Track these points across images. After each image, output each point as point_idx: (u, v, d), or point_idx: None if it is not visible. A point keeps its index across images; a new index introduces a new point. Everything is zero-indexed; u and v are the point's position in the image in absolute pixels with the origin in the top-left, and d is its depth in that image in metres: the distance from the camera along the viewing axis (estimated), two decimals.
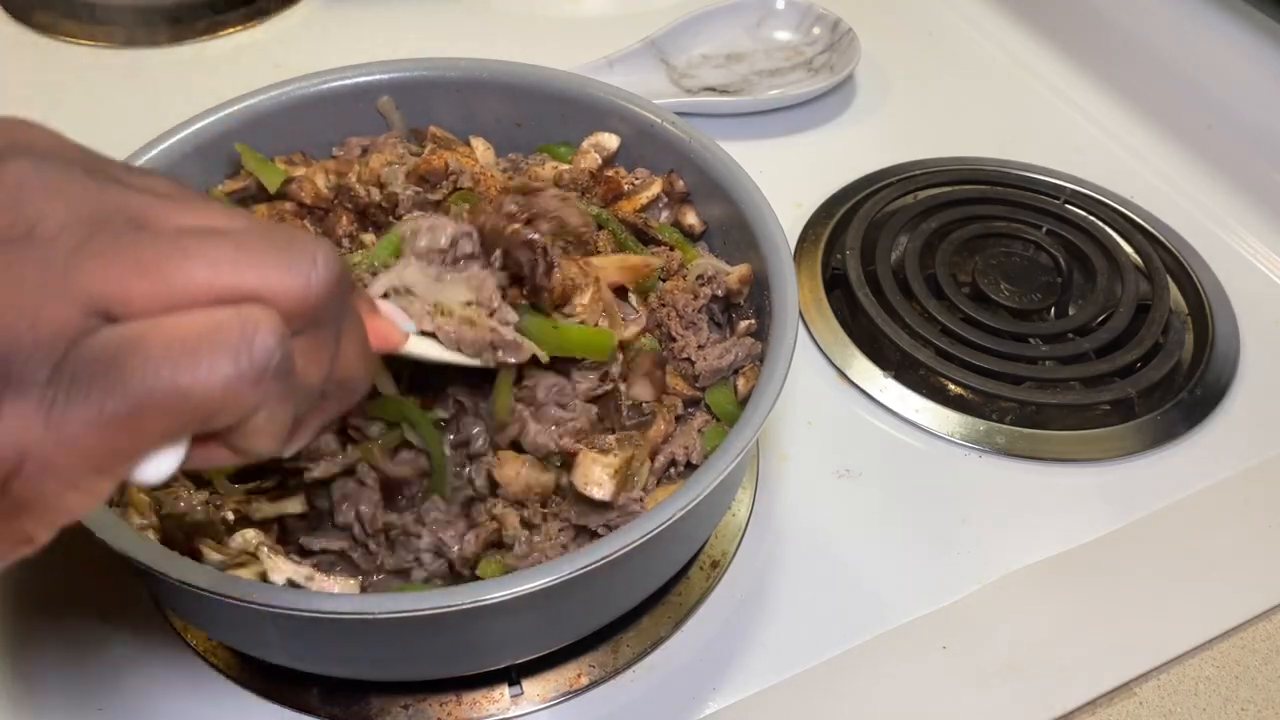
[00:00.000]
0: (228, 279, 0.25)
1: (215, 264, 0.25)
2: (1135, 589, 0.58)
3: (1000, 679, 0.54)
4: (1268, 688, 0.55)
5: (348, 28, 0.93)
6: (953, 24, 0.98)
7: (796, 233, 0.76)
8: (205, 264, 0.25)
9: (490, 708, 0.51)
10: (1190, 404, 0.67)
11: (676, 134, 0.59)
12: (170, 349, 0.24)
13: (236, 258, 0.25)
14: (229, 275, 0.25)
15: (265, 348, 0.25)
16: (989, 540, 0.59)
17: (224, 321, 0.24)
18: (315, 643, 0.46)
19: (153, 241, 0.25)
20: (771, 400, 0.46)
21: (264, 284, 0.25)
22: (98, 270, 0.24)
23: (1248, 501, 0.63)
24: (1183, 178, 0.83)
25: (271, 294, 0.25)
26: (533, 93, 0.62)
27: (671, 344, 0.54)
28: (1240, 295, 0.74)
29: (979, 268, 0.73)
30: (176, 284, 0.24)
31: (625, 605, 0.51)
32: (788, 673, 0.53)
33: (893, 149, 0.84)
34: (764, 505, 0.60)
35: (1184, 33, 0.86)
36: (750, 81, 0.88)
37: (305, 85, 0.60)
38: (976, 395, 0.66)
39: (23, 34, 0.91)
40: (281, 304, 0.26)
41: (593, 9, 0.98)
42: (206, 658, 0.53)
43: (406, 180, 0.58)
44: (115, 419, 0.23)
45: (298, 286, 0.26)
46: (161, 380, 0.24)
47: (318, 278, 0.26)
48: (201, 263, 0.25)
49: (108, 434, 0.23)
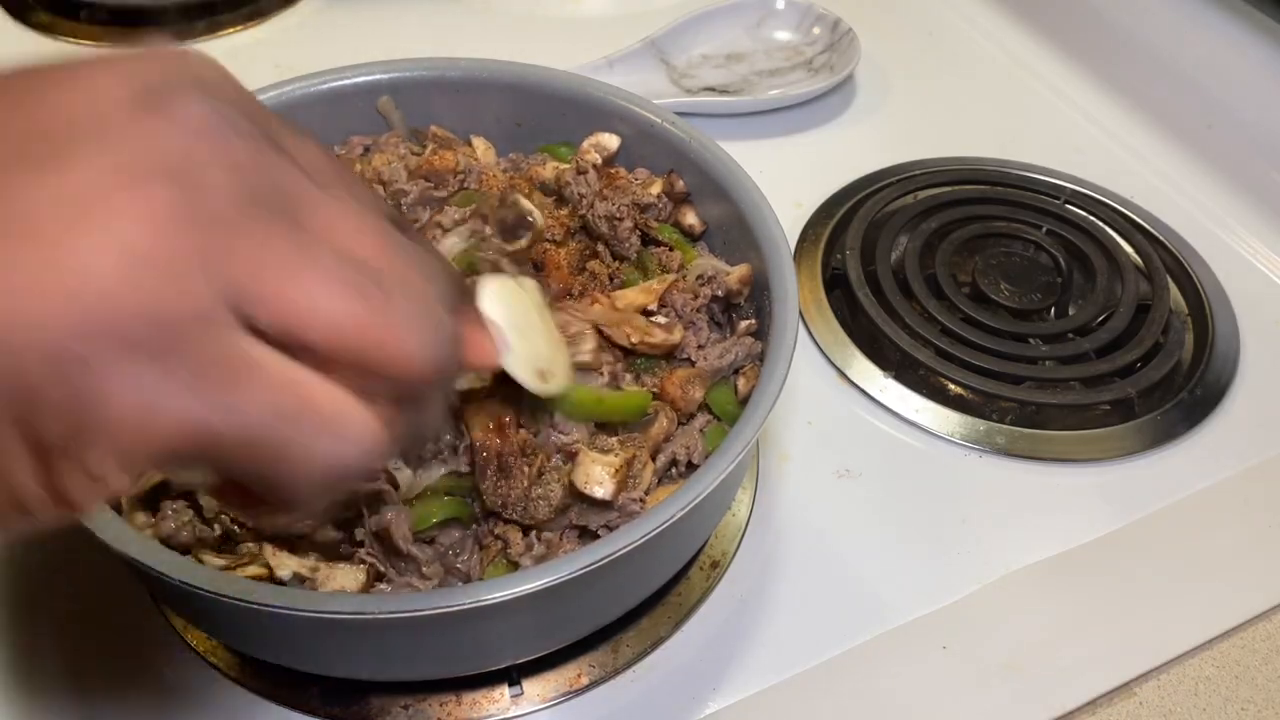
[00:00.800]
0: (352, 342, 0.24)
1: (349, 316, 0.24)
2: (1135, 589, 0.58)
3: (1000, 679, 0.54)
4: (1268, 688, 0.55)
5: (348, 28, 0.93)
6: (953, 24, 0.98)
7: (796, 233, 0.76)
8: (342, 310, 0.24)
9: (490, 708, 0.51)
10: (1190, 404, 0.67)
11: (676, 134, 0.59)
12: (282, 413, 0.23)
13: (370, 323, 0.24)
14: (354, 338, 0.24)
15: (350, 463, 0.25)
16: (989, 540, 0.59)
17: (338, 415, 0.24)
18: (315, 643, 0.46)
19: (307, 250, 0.24)
20: (771, 400, 0.46)
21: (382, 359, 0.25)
22: (251, 258, 0.23)
23: (1248, 501, 0.63)
24: (1183, 178, 0.83)
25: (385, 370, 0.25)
26: (533, 93, 0.62)
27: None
28: (1240, 295, 0.74)
29: (979, 268, 0.73)
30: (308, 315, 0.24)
31: (625, 605, 0.51)
32: (788, 673, 0.53)
33: (893, 149, 0.84)
34: (764, 505, 0.60)
35: (1184, 33, 0.86)
36: (750, 81, 0.88)
37: (305, 85, 0.60)
38: (976, 395, 0.66)
39: (23, 34, 0.91)
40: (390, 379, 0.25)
41: (593, 9, 0.98)
42: (206, 658, 0.53)
43: (411, 177, 0.58)
44: (202, 432, 0.23)
45: (416, 363, 0.26)
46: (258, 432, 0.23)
47: (440, 358, 0.26)
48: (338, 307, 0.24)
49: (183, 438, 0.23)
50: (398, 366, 0.25)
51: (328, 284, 0.24)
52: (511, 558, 0.47)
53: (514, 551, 0.47)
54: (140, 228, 0.21)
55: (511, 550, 0.47)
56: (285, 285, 0.23)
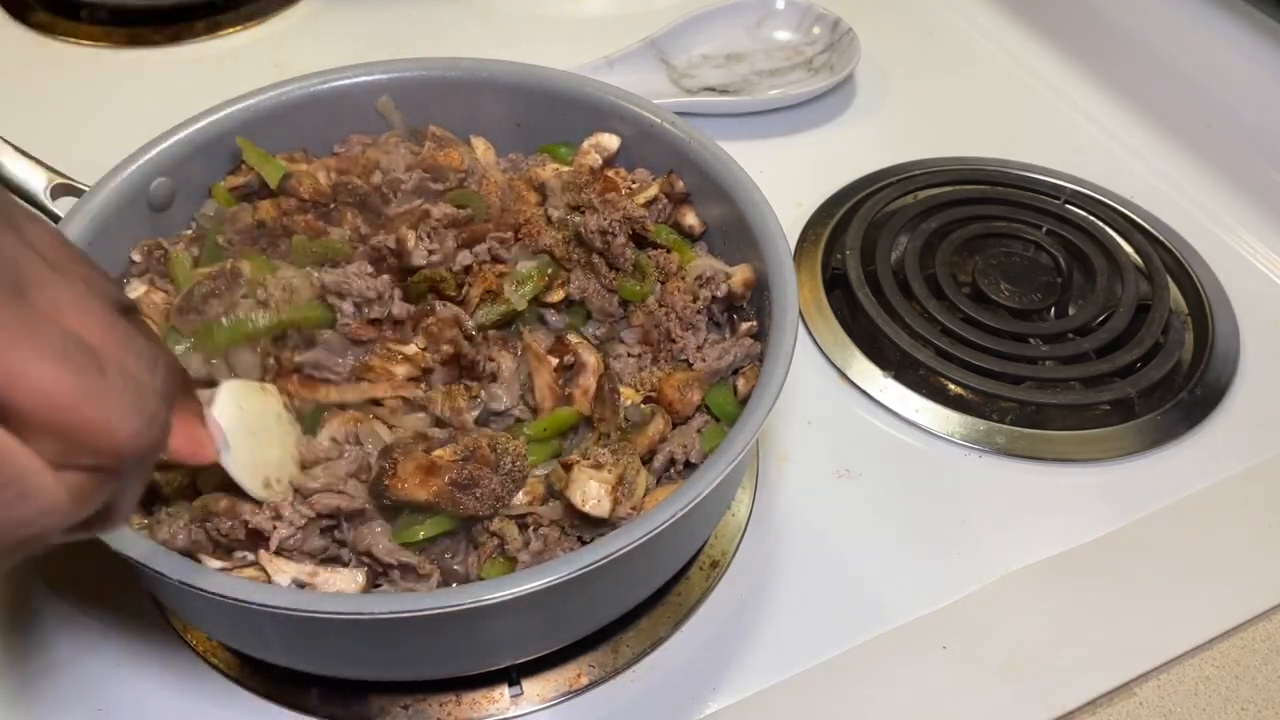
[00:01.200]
0: (61, 411, 0.25)
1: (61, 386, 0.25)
2: (1135, 589, 0.58)
3: (1000, 679, 0.54)
4: (1268, 688, 0.55)
5: (348, 28, 0.93)
6: (953, 24, 0.98)
7: (796, 233, 0.76)
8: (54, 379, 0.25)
9: (490, 708, 0.51)
10: (1190, 404, 0.67)
11: (676, 134, 0.59)
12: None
13: (81, 395, 0.26)
14: (63, 408, 0.25)
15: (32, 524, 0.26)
16: (989, 540, 0.59)
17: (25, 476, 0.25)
18: (315, 643, 0.46)
19: (23, 318, 0.25)
20: (771, 400, 0.46)
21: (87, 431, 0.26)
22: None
23: (1248, 501, 0.63)
24: (1183, 178, 0.83)
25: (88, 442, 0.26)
26: (533, 93, 0.62)
27: (671, 345, 0.54)
28: (1240, 295, 0.74)
29: (979, 268, 0.73)
30: (20, 379, 0.25)
31: (625, 605, 0.51)
32: (788, 673, 0.53)
33: (893, 149, 0.83)
34: (764, 505, 0.60)
35: (1184, 33, 0.86)
36: (750, 81, 0.88)
37: (305, 85, 0.61)
38: (976, 395, 0.66)
39: (23, 34, 0.91)
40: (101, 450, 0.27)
41: (593, 9, 0.98)
42: (206, 658, 0.53)
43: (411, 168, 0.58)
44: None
45: (121, 440, 0.27)
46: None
47: (146, 438, 0.27)
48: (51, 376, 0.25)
49: None
50: (102, 440, 0.26)
51: (45, 354, 0.25)
52: (509, 554, 0.47)
53: (511, 548, 0.47)
54: None
55: (509, 547, 0.47)
56: (2, 349, 0.24)
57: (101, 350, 0.27)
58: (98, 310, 0.28)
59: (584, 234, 0.55)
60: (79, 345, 0.26)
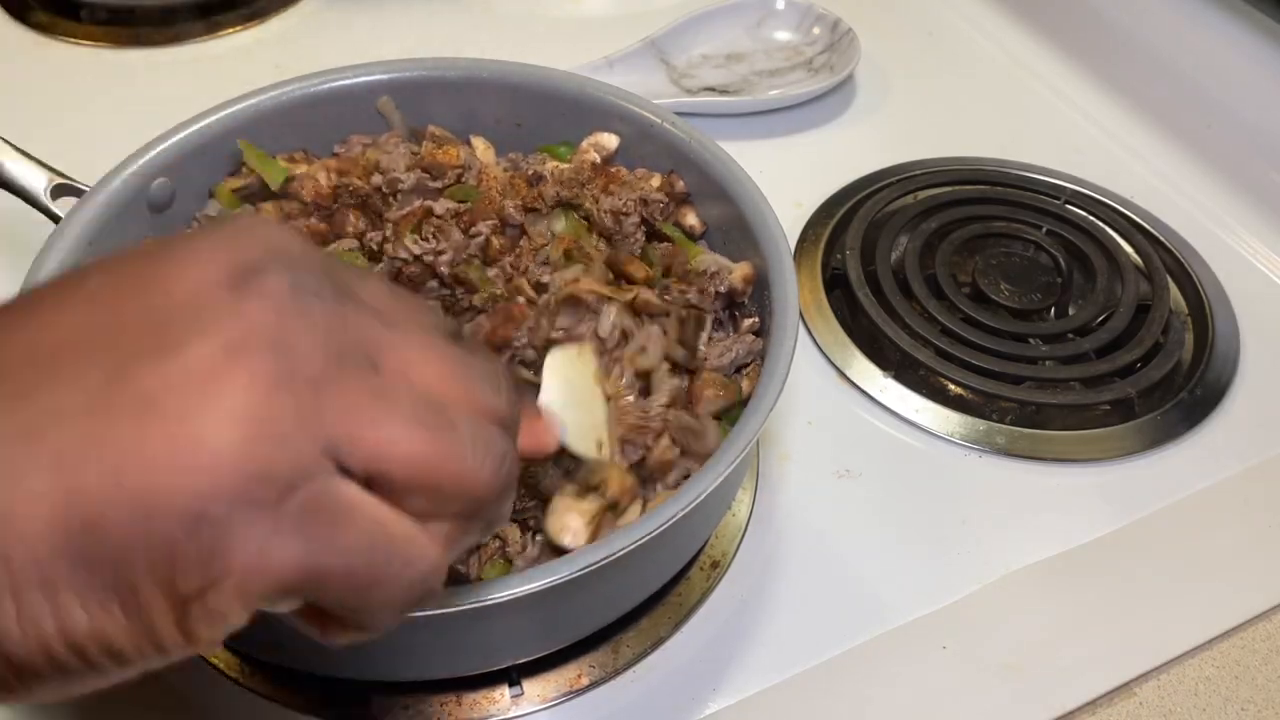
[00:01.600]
0: (428, 473, 0.28)
1: (424, 452, 0.27)
2: (1135, 589, 0.58)
3: (1000, 679, 0.54)
4: (1268, 688, 0.55)
5: (348, 28, 0.93)
6: (953, 24, 0.98)
7: (796, 233, 0.76)
8: (418, 447, 0.27)
9: (490, 708, 0.51)
10: (1190, 404, 0.67)
11: (676, 134, 0.59)
12: (374, 546, 0.27)
13: (442, 455, 0.28)
14: (428, 470, 0.28)
15: (429, 586, 0.29)
16: (989, 540, 0.59)
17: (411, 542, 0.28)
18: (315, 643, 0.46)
19: (385, 396, 0.27)
20: (771, 400, 0.46)
21: (455, 480, 0.28)
22: (340, 410, 0.26)
23: (1248, 501, 0.63)
24: (1183, 178, 0.83)
25: (455, 494, 0.28)
26: (533, 93, 0.62)
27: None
28: (1240, 295, 0.74)
29: (979, 268, 0.73)
30: (389, 454, 0.27)
31: (625, 606, 0.51)
32: (788, 673, 0.53)
33: (893, 149, 0.83)
34: (764, 505, 0.60)
35: (1184, 33, 0.86)
36: (750, 81, 0.88)
37: (305, 85, 0.60)
38: (976, 395, 0.66)
39: (23, 34, 0.90)
40: (464, 499, 0.29)
41: (593, 9, 0.98)
42: (206, 658, 0.53)
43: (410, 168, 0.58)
44: (311, 569, 0.26)
45: (480, 487, 0.29)
46: (355, 565, 0.26)
47: (500, 480, 0.29)
48: (416, 445, 0.27)
49: (295, 577, 0.25)
50: (463, 491, 0.28)
51: (405, 425, 0.27)
52: (509, 556, 0.47)
53: (512, 550, 0.47)
54: (248, 397, 0.25)
55: (510, 549, 0.47)
56: (369, 430, 0.26)
57: (450, 402, 0.29)
58: (438, 355, 0.30)
59: (594, 216, 0.55)
60: (429, 405, 0.28)
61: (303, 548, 0.25)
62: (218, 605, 0.25)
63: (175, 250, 0.27)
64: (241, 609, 0.25)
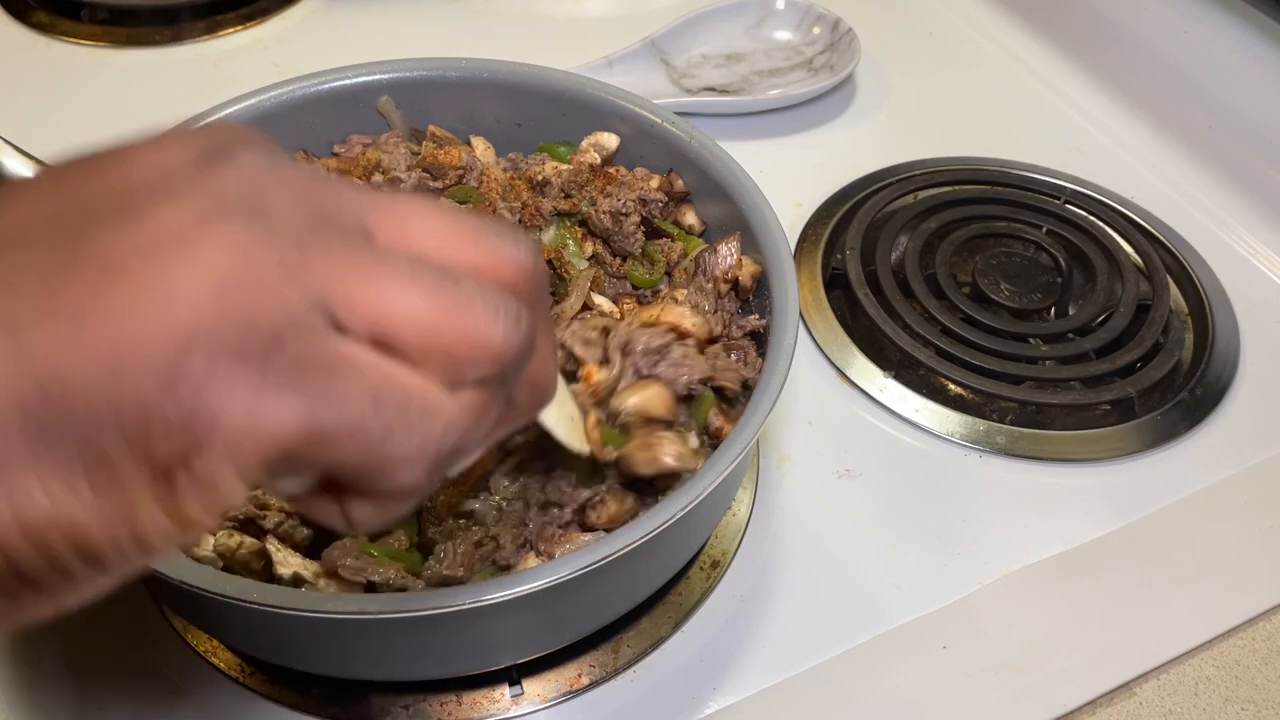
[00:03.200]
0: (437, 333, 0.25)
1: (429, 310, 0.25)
2: (1135, 589, 0.58)
3: (1000, 679, 0.54)
4: (1268, 688, 0.55)
5: (348, 28, 0.93)
6: (953, 24, 0.98)
7: (796, 233, 0.76)
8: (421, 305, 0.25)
9: (490, 708, 0.51)
10: (1190, 404, 0.67)
11: (676, 134, 0.59)
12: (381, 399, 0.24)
13: (450, 312, 0.25)
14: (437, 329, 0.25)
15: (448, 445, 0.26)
16: (989, 540, 0.59)
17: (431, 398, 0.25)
18: (315, 643, 0.46)
19: (381, 258, 0.25)
20: (771, 400, 0.46)
21: (467, 341, 0.26)
22: (329, 269, 0.24)
23: (1248, 501, 0.63)
24: (1183, 178, 0.83)
25: (470, 355, 0.26)
26: (533, 93, 0.62)
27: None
28: (1240, 295, 0.74)
29: (979, 268, 0.73)
30: (390, 314, 0.25)
31: (625, 605, 0.51)
32: (788, 673, 0.53)
33: (893, 149, 0.83)
34: (764, 505, 0.60)
35: (1184, 33, 0.86)
36: (750, 81, 0.88)
37: (305, 85, 0.60)
38: (976, 395, 0.66)
39: (23, 34, 0.91)
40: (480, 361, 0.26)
41: (593, 9, 0.98)
42: (206, 658, 0.53)
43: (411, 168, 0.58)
44: (311, 426, 0.23)
45: (495, 347, 0.26)
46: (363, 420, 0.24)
47: (515, 339, 0.27)
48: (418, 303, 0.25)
49: (294, 435, 0.23)
50: (478, 350, 0.26)
51: (403, 284, 0.25)
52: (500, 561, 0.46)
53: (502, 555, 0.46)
54: (224, 254, 0.22)
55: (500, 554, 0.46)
56: (364, 289, 0.24)
57: (454, 262, 0.26)
58: (437, 215, 0.27)
59: (593, 218, 0.55)
60: (427, 265, 0.26)
61: (299, 403, 0.23)
62: (207, 474, 0.22)
63: (138, 142, 0.25)
64: (236, 477, 0.23)
